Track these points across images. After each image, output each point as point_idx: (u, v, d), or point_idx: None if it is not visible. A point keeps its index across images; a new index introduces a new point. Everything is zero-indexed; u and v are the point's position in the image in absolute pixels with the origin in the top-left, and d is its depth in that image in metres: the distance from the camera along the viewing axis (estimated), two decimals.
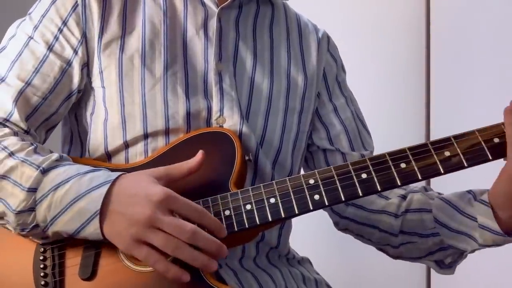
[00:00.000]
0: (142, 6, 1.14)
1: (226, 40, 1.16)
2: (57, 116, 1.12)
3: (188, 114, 1.09)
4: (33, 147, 1.02)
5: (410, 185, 1.20)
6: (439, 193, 1.21)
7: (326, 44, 1.31)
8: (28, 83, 1.08)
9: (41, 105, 1.09)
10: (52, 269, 1.01)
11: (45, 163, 0.98)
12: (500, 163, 1.01)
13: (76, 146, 1.16)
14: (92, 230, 0.94)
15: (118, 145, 1.09)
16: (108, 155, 1.10)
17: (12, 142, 1.02)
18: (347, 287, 1.31)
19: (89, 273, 0.99)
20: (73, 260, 1.01)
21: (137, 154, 1.08)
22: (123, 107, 1.08)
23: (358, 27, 2.24)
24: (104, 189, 0.94)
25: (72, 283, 1.00)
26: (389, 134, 2.12)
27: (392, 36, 2.24)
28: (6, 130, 1.04)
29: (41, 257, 1.02)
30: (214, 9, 1.16)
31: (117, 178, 0.96)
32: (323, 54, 1.29)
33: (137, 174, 0.98)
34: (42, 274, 1.00)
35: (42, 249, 1.02)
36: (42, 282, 1.00)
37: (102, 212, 0.94)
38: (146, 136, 1.08)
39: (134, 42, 1.11)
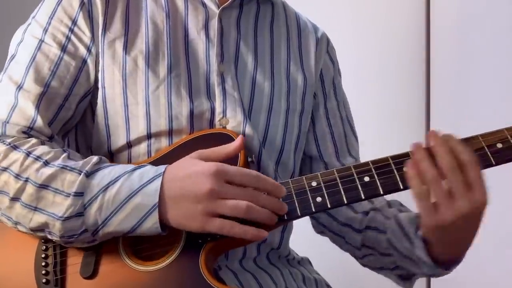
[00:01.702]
0: (144, 6, 1.14)
1: (227, 41, 1.16)
2: (73, 120, 1.11)
3: (192, 115, 1.09)
4: (66, 153, 1.01)
5: (376, 199, 1.23)
6: (400, 208, 1.22)
7: (325, 45, 1.30)
8: (47, 87, 1.06)
9: (62, 108, 1.08)
10: (53, 267, 1.01)
11: (87, 166, 0.97)
12: (499, 168, 1.01)
13: (72, 148, 1.14)
14: (150, 225, 0.94)
15: (121, 145, 1.08)
16: (111, 155, 1.10)
17: (44, 150, 1.00)
18: (347, 287, 1.31)
19: (91, 272, 0.99)
20: (75, 259, 1.01)
21: (140, 154, 1.08)
22: (126, 107, 1.08)
23: (358, 27, 2.24)
24: (158, 182, 0.95)
25: (73, 281, 1.00)
26: (389, 134, 2.13)
27: (392, 36, 2.23)
28: (33, 140, 1.02)
29: (43, 255, 1.02)
30: (214, 9, 1.16)
31: (165, 169, 0.97)
32: (321, 54, 1.29)
33: (180, 160, 0.99)
34: (43, 271, 1.01)
35: (44, 247, 1.02)
36: (44, 280, 1.00)
37: (161, 204, 0.94)
38: (149, 136, 1.07)
39: (138, 42, 1.10)
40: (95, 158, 0.99)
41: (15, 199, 0.97)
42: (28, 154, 0.99)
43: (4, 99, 1.06)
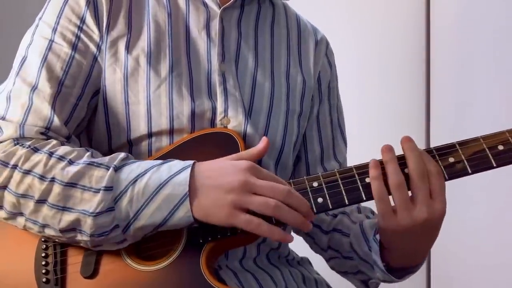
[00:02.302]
0: (147, 5, 1.14)
1: (228, 41, 1.16)
2: (86, 119, 1.10)
3: (193, 115, 1.08)
4: (90, 152, 1.00)
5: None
6: (368, 215, 1.23)
7: (325, 47, 1.31)
8: (61, 85, 1.06)
9: (76, 107, 1.07)
10: (53, 266, 1.01)
11: (115, 161, 0.97)
12: (500, 170, 1.01)
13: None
14: (182, 215, 0.93)
15: (122, 144, 1.08)
16: (112, 154, 1.09)
17: (67, 150, 0.99)
18: (347, 287, 1.31)
19: (91, 271, 0.99)
20: (75, 258, 1.01)
21: (140, 153, 1.08)
22: (127, 105, 1.08)
23: (358, 27, 2.24)
24: (187, 173, 0.94)
25: (73, 280, 1.00)
26: (389, 134, 2.12)
27: (392, 36, 2.24)
28: (54, 141, 1.01)
29: (43, 254, 1.01)
30: (216, 10, 1.16)
31: (194, 162, 0.97)
32: (320, 56, 1.29)
33: (212, 160, 0.99)
34: (43, 271, 1.00)
35: (44, 246, 1.02)
36: (44, 279, 1.00)
37: (191, 194, 0.93)
38: (150, 135, 1.07)
39: (140, 41, 1.10)
40: (122, 154, 0.99)
41: (41, 201, 0.96)
42: (50, 154, 0.98)
43: (18, 102, 1.04)
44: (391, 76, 2.20)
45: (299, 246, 1.30)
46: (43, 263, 1.01)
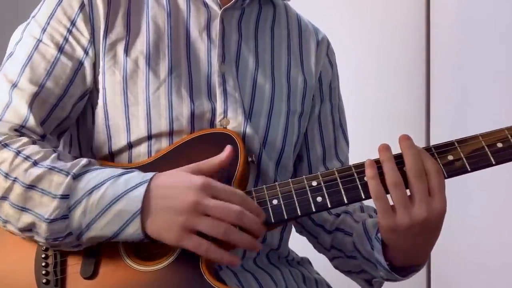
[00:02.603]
0: (146, 7, 1.14)
1: (228, 42, 1.16)
2: (68, 120, 1.11)
3: (192, 116, 1.08)
4: (56, 154, 1.01)
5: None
6: (371, 214, 1.23)
7: (326, 48, 1.30)
8: (41, 86, 1.06)
9: (55, 108, 1.08)
10: (53, 267, 1.01)
11: (75, 168, 0.97)
12: (500, 168, 1.01)
13: (75, 148, 1.15)
14: (132, 232, 0.94)
15: (122, 146, 1.08)
16: (112, 156, 1.10)
17: (34, 150, 1.00)
18: (347, 287, 1.31)
19: (91, 272, 0.99)
20: (75, 259, 1.01)
21: (140, 155, 1.08)
22: (127, 108, 1.08)
23: (358, 27, 2.24)
24: (142, 189, 0.94)
25: (73, 281, 1.00)
26: (389, 134, 2.12)
27: (392, 36, 2.24)
28: (24, 139, 1.02)
29: (43, 255, 1.02)
30: (217, 10, 1.16)
31: (152, 176, 0.96)
32: (321, 56, 1.29)
33: (171, 171, 0.98)
34: (43, 272, 1.00)
35: (44, 247, 1.02)
36: (44, 280, 1.00)
37: (144, 211, 0.93)
38: (150, 137, 1.07)
39: (139, 43, 1.10)
40: (84, 161, 0.99)
41: (3, 198, 0.97)
42: (18, 153, 0.99)
43: None
44: (391, 76, 2.20)
45: (299, 246, 1.30)
46: (43, 264, 1.01)
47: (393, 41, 2.23)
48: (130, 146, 1.08)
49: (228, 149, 1.01)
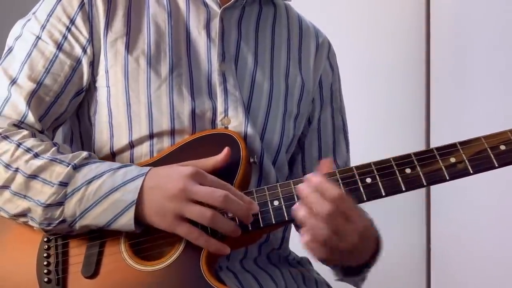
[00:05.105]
0: (146, 6, 1.14)
1: (228, 41, 1.16)
2: (65, 114, 1.12)
3: (194, 115, 1.09)
4: (56, 147, 1.03)
5: None
6: None
7: (326, 50, 1.30)
8: (40, 84, 1.08)
9: (53, 105, 1.09)
10: (55, 266, 1.01)
11: (76, 160, 1.00)
12: (502, 170, 1.01)
13: (77, 146, 1.16)
14: (124, 222, 0.96)
15: (124, 145, 1.09)
16: (113, 155, 1.10)
17: (35, 143, 1.02)
18: (347, 287, 1.31)
19: (92, 271, 1.00)
20: (76, 258, 1.01)
21: (142, 155, 1.08)
22: (129, 106, 1.08)
23: (357, 27, 2.24)
24: (139, 181, 0.97)
25: (74, 280, 1.00)
26: (389, 134, 2.13)
27: (392, 36, 2.24)
28: (24, 132, 1.04)
29: (45, 254, 1.02)
30: (216, 9, 1.16)
31: (149, 170, 0.99)
32: (321, 60, 1.28)
33: (168, 165, 1.01)
34: (45, 270, 1.01)
35: (46, 246, 1.03)
36: (45, 279, 1.00)
37: (139, 202, 0.96)
38: (151, 136, 1.08)
39: (140, 42, 1.11)
40: (84, 153, 1.02)
41: (4, 187, 1.00)
42: (19, 145, 1.01)
43: None
44: (391, 76, 2.20)
45: (299, 246, 1.30)
46: (45, 263, 1.01)
47: (393, 41, 2.23)
48: (132, 145, 1.09)
49: (225, 151, 1.03)
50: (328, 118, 1.29)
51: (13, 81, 1.08)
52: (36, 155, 1.00)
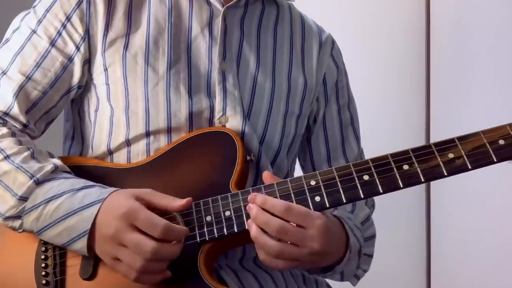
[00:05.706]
0: (148, 3, 1.14)
1: (230, 40, 1.16)
2: (56, 109, 1.13)
3: (191, 113, 1.08)
4: (30, 152, 1.04)
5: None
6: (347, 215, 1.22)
7: (330, 47, 1.29)
8: (29, 78, 1.09)
9: (41, 99, 1.10)
10: (53, 268, 1.01)
11: (40, 173, 1.00)
12: (500, 167, 1.00)
13: (78, 142, 1.16)
14: (79, 247, 0.97)
15: (120, 143, 1.09)
16: (110, 153, 1.10)
17: (9, 144, 1.03)
18: (347, 287, 1.31)
19: (90, 273, 0.99)
20: (74, 260, 1.01)
21: (139, 153, 1.08)
22: (128, 104, 1.09)
23: (357, 27, 2.24)
24: (94, 209, 0.96)
25: (73, 282, 1.00)
26: (389, 134, 2.13)
27: (392, 36, 2.24)
28: (4, 130, 1.06)
29: (43, 256, 1.02)
30: (219, 8, 1.15)
31: (108, 195, 0.98)
32: (324, 58, 1.27)
33: (125, 191, 0.99)
34: (43, 273, 1.01)
35: (44, 248, 1.02)
36: (43, 281, 1.00)
37: (92, 232, 0.96)
38: (148, 134, 1.08)
39: (138, 40, 1.11)
40: (50, 166, 1.02)
41: None
42: None
43: None
44: (391, 76, 2.20)
45: None
46: (43, 265, 1.01)
47: (393, 42, 2.23)
48: (128, 143, 1.09)
49: (183, 202, 0.97)
50: (334, 115, 1.28)
51: (3, 72, 1.10)
52: (7, 158, 1.02)
